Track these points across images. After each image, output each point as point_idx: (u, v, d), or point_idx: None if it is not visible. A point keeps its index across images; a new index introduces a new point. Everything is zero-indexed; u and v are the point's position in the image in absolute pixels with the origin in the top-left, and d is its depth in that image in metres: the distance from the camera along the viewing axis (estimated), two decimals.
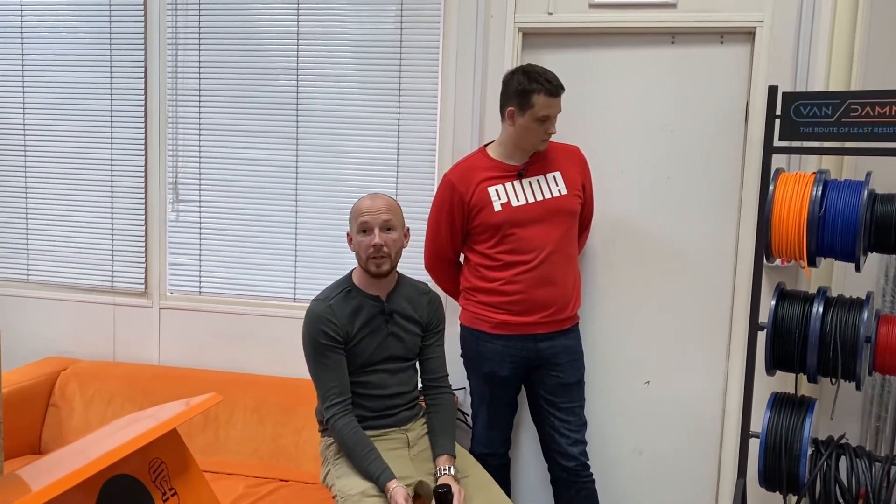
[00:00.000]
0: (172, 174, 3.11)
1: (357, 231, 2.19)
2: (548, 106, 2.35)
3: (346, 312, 2.18)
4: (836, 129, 2.19)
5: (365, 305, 2.21)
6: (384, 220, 2.18)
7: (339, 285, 2.25)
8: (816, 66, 2.55)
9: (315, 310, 2.17)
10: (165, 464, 1.48)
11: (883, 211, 2.11)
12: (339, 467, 2.16)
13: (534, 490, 2.93)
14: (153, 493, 1.42)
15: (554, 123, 2.41)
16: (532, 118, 2.37)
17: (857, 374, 2.15)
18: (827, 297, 2.22)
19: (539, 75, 2.36)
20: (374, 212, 2.17)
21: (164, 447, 1.50)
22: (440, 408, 2.31)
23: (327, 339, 2.15)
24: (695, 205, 2.74)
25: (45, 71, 3.19)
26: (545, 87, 2.34)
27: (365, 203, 2.20)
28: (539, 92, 2.34)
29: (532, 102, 2.35)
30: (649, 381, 2.83)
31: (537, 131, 2.39)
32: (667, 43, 2.71)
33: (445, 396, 2.33)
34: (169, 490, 1.46)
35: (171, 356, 3.16)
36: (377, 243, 2.15)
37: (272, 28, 2.98)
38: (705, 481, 2.82)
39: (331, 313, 2.16)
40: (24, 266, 3.29)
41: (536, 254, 2.42)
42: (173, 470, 1.49)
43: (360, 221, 2.17)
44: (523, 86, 2.35)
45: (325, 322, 2.15)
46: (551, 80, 2.35)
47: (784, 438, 2.23)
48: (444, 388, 2.35)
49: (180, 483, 1.49)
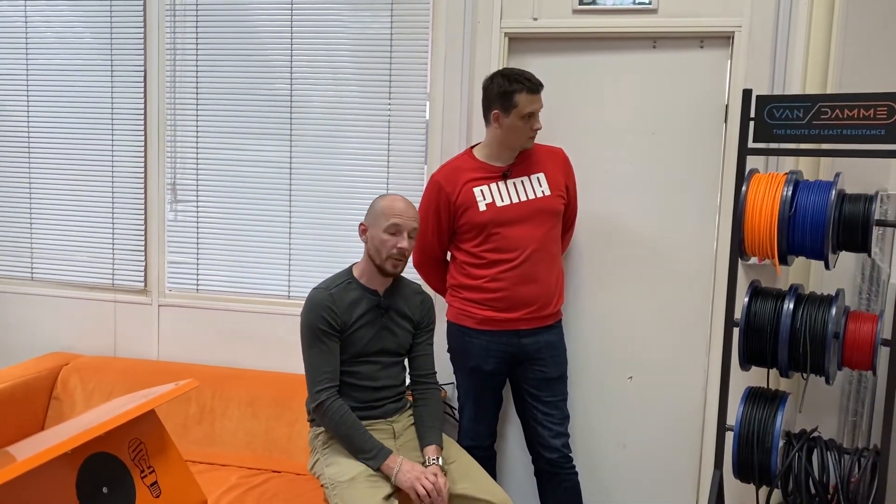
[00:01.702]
0: (171, 175, 3.20)
1: (385, 229, 2.24)
2: (531, 102, 2.44)
3: (345, 302, 2.27)
4: (807, 131, 2.25)
5: (364, 298, 2.30)
6: (413, 227, 2.27)
7: (340, 277, 2.34)
8: (793, 70, 2.62)
9: (316, 297, 2.26)
10: (144, 444, 1.57)
11: (850, 210, 2.18)
12: (328, 456, 2.24)
13: (519, 482, 3.01)
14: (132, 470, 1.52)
15: (538, 119, 2.49)
16: (517, 117, 2.45)
17: (825, 369, 2.21)
18: (798, 294, 2.29)
19: (518, 75, 2.45)
20: (407, 217, 2.26)
21: (143, 428, 1.59)
22: (428, 401, 2.39)
23: (326, 325, 2.23)
24: (676, 205, 2.81)
25: (49, 75, 3.29)
26: (526, 85, 2.43)
27: (399, 205, 2.26)
28: (521, 91, 2.42)
29: (515, 102, 2.43)
30: (632, 377, 2.90)
31: (524, 129, 2.48)
32: (648, 47, 2.78)
33: (433, 391, 2.42)
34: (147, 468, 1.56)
35: (169, 352, 3.26)
36: (404, 247, 2.24)
37: (267, 34, 3.07)
38: (687, 474, 2.89)
39: (331, 301, 2.25)
40: (28, 264, 3.39)
41: (520, 252, 2.49)
42: (152, 449, 1.58)
43: (393, 223, 2.23)
44: (504, 88, 2.43)
45: (326, 309, 2.23)
46: (530, 77, 2.45)
47: (757, 431, 2.29)
48: (431, 383, 2.43)
49: (158, 462, 1.58)
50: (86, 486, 1.43)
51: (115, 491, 1.48)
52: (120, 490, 1.49)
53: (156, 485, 1.56)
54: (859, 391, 2.62)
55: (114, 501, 1.46)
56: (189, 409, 2.94)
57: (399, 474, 2.14)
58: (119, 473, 1.49)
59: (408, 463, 2.17)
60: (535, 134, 2.53)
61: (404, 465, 2.15)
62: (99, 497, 1.45)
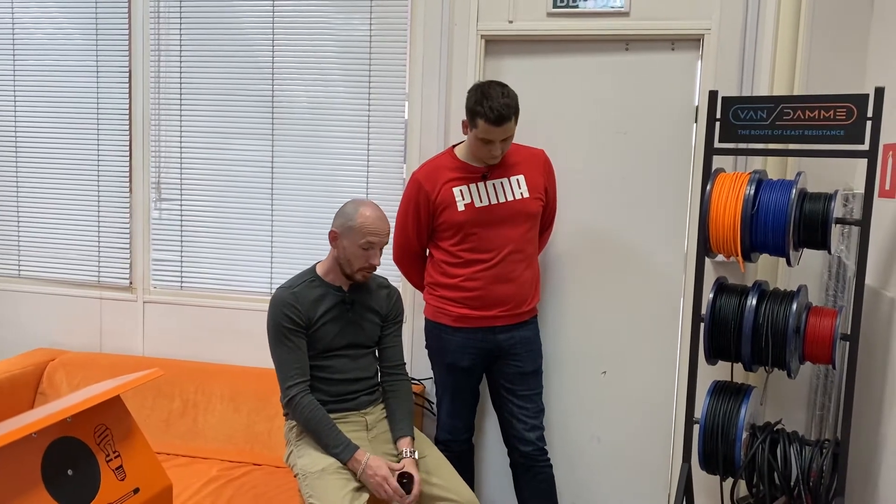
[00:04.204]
0: (155, 174, 3.26)
1: (359, 244, 2.27)
2: (487, 132, 2.41)
3: (309, 299, 2.32)
4: (770, 131, 2.31)
5: (328, 294, 2.35)
6: (385, 242, 2.33)
7: (303, 276, 2.39)
8: (761, 72, 2.68)
9: (279, 296, 2.31)
10: (110, 429, 1.63)
11: (811, 209, 2.24)
12: (301, 447, 2.30)
13: (497, 475, 3.07)
14: (97, 454, 1.58)
15: (498, 147, 2.45)
16: (477, 137, 2.46)
17: (787, 363, 2.27)
18: (762, 290, 2.35)
19: (487, 99, 2.38)
20: (382, 235, 2.30)
21: (109, 414, 1.65)
22: (398, 393, 2.44)
23: (290, 322, 2.28)
24: (648, 204, 2.87)
25: (36, 76, 3.35)
26: (486, 115, 2.38)
27: (373, 221, 2.28)
28: (481, 116, 2.40)
29: (476, 123, 2.43)
30: (606, 372, 2.96)
31: (482, 149, 2.47)
32: (621, 50, 2.84)
33: (403, 383, 2.47)
34: (113, 452, 1.62)
35: (154, 348, 3.31)
36: (377, 264, 2.31)
37: (249, 36, 3.13)
38: (659, 466, 2.95)
39: (294, 299, 2.30)
40: (15, 261, 3.45)
41: (496, 253, 2.53)
42: (117, 435, 1.65)
43: (368, 240, 2.27)
44: (472, 105, 2.43)
45: (289, 307, 2.28)
46: (495, 108, 2.36)
47: (721, 424, 2.35)
48: (401, 374, 2.48)
49: (124, 447, 1.64)
50: (51, 468, 1.50)
51: (80, 473, 1.54)
52: (85, 473, 1.55)
53: (121, 468, 1.63)
54: (826, 386, 2.68)
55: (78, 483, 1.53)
56: (172, 403, 3.00)
57: (364, 474, 2.19)
58: (84, 457, 1.55)
59: (375, 460, 2.20)
60: (493, 159, 2.50)
61: (371, 463, 2.19)
62: (64, 479, 1.52)
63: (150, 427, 2.98)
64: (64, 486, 1.52)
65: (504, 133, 2.43)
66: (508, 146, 2.50)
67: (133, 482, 1.64)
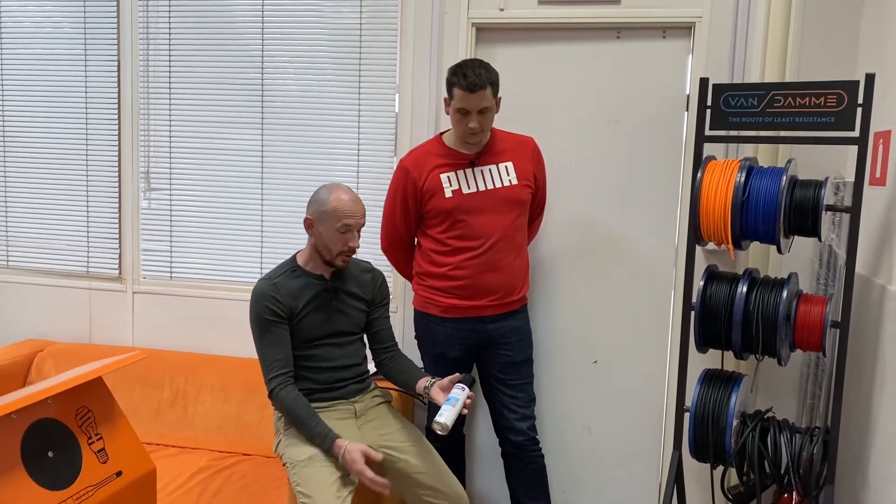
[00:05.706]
0: (144, 164, 3.24)
1: (336, 228, 2.25)
2: (463, 99, 2.40)
3: (290, 290, 2.30)
4: (761, 118, 2.30)
5: (310, 284, 2.33)
6: (362, 223, 2.31)
7: (284, 266, 2.37)
8: (752, 59, 2.67)
9: (260, 288, 2.29)
10: (92, 411, 1.62)
11: (801, 196, 2.23)
12: (288, 437, 2.29)
13: (488, 465, 3.07)
14: (79, 437, 1.57)
15: (475, 120, 2.43)
16: (454, 109, 2.45)
17: (777, 351, 2.27)
18: (752, 277, 2.35)
19: (462, 69, 2.41)
20: (357, 216, 2.28)
21: (91, 397, 1.63)
22: (400, 359, 2.46)
23: (272, 314, 2.26)
24: (639, 192, 2.87)
25: (23, 64, 3.32)
26: (461, 81, 2.39)
27: (347, 204, 2.26)
28: (456, 85, 2.41)
29: (453, 94, 2.44)
30: (597, 361, 2.96)
31: (461, 123, 2.46)
32: (612, 38, 2.83)
33: (400, 353, 2.49)
34: (95, 435, 1.61)
35: (143, 338, 3.30)
36: (356, 246, 2.29)
37: (238, 24, 3.10)
38: (650, 455, 2.95)
39: (275, 290, 2.28)
40: (3, 252, 3.43)
41: (484, 241, 2.52)
42: (99, 418, 1.63)
43: (344, 223, 2.25)
44: (448, 77, 2.45)
45: (270, 299, 2.26)
46: (469, 75, 2.38)
47: (712, 412, 2.35)
48: (396, 349, 2.49)
49: (106, 430, 1.63)
50: (31, 449, 1.48)
51: (61, 455, 1.53)
52: (65, 455, 1.54)
53: (103, 451, 1.61)
54: (816, 374, 2.68)
55: (59, 465, 1.51)
56: (162, 393, 2.99)
57: (344, 462, 2.16)
58: (65, 439, 1.54)
59: (352, 451, 2.15)
60: (472, 136, 2.48)
61: (350, 450, 2.15)
62: (44, 460, 1.50)
63: (140, 417, 2.96)
64: (44, 467, 1.51)
65: (479, 101, 2.40)
66: (488, 123, 2.49)
67: (115, 465, 1.62)
